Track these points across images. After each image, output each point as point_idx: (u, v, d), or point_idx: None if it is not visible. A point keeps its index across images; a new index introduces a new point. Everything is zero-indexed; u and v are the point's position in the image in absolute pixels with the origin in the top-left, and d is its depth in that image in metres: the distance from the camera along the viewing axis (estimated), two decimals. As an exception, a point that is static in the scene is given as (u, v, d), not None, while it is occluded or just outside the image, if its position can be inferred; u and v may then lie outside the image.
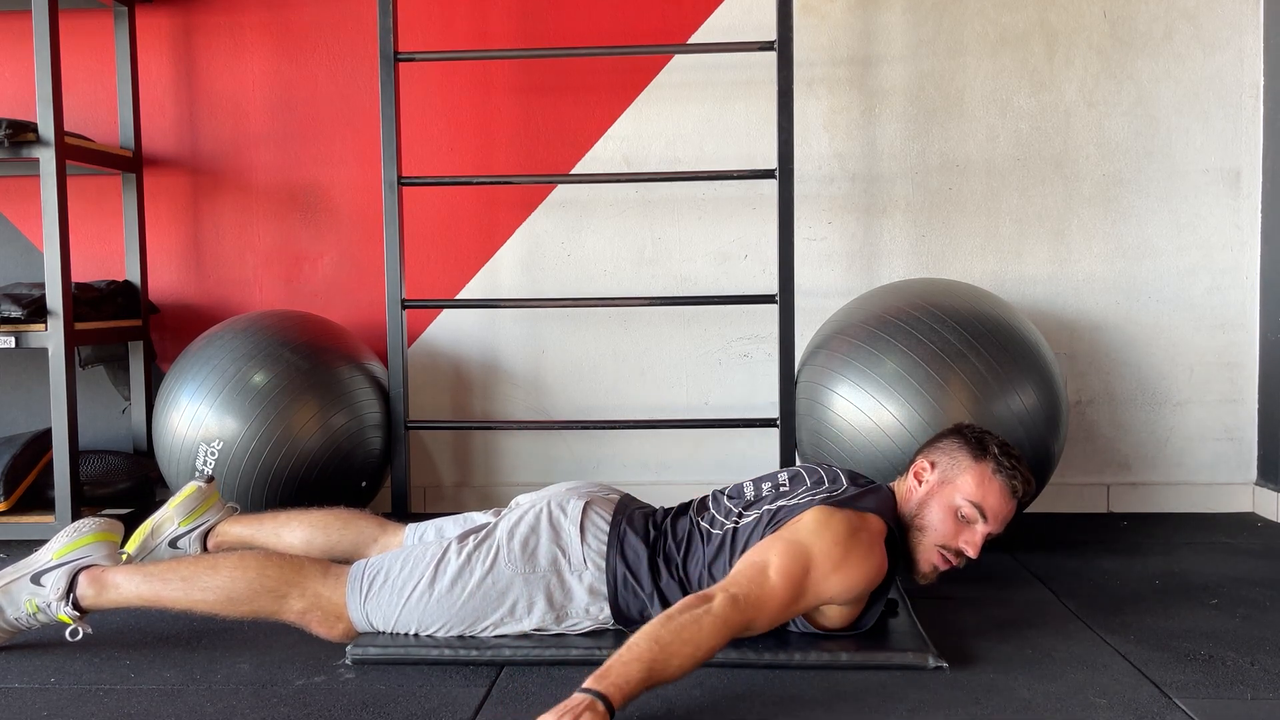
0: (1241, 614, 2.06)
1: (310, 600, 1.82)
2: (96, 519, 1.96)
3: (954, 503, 1.83)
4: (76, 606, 1.84)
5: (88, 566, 1.87)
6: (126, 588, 1.85)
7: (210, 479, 2.27)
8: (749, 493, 1.92)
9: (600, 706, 1.42)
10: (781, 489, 1.89)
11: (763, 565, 1.67)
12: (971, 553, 1.83)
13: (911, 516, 1.86)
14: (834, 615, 1.81)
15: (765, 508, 1.85)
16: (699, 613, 1.58)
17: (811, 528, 1.73)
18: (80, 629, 1.86)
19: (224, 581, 1.82)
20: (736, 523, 1.86)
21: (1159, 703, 1.62)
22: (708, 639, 1.56)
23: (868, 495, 1.85)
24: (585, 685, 1.46)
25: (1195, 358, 3.03)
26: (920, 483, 1.87)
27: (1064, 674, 1.75)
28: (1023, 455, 1.91)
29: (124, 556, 2.09)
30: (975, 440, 1.88)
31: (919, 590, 2.19)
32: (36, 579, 1.86)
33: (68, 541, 1.90)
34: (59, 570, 1.86)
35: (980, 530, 1.83)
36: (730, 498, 1.93)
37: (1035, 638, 1.93)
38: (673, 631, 1.54)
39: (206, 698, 1.68)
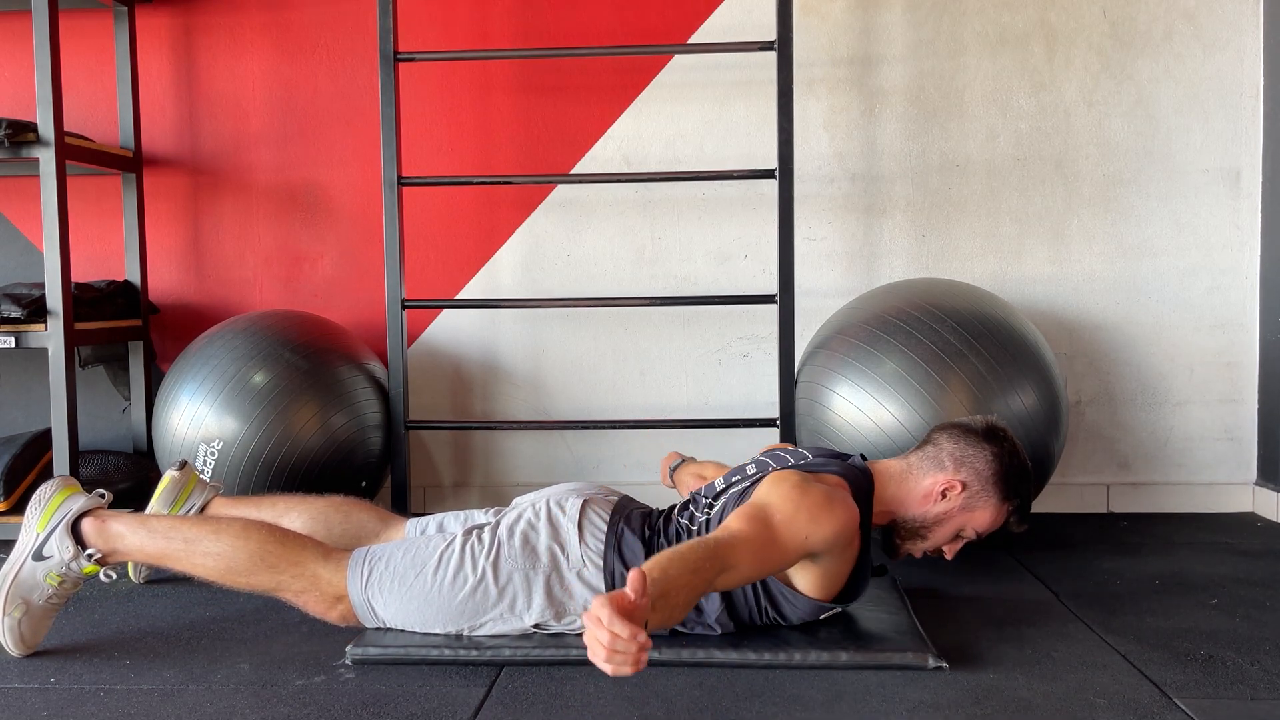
0: (1241, 614, 2.06)
1: (308, 581, 1.83)
2: (50, 480, 1.92)
3: (964, 527, 1.94)
4: (91, 556, 1.84)
5: (80, 516, 1.86)
6: (131, 540, 1.85)
7: (183, 464, 2.23)
8: (719, 485, 1.95)
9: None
10: (749, 475, 1.92)
11: (727, 524, 1.68)
12: (949, 558, 1.98)
13: (921, 523, 1.93)
14: (823, 577, 1.81)
15: (731, 492, 1.89)
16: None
17: (765, 488, 1.75)
18: (111, 571, 1.87)
19: (225, 549, 1.82)
20: (708, 513, 1.90)
21: (1159, 703, 1.62)
22: (693, 551, 1.52)
23: (830, 463, 1.89)
24: None
25: (1195, 358, 3.03)
26: (944, 498, 1.91)
27: (1064, 674, 1.75)
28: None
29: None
30: (1010, 477, 1.92)
31: (919, 590, 2.20)
32: (39, 556, 1.84)
33: (43, 509, 1.88)
34: (56, 533, 1.85)
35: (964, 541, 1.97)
36: (704, 495, 1.96)
37: (1035, 638, 1.93)
38: (662, 553, 1.51)
39: (206, 698, 1.68)
